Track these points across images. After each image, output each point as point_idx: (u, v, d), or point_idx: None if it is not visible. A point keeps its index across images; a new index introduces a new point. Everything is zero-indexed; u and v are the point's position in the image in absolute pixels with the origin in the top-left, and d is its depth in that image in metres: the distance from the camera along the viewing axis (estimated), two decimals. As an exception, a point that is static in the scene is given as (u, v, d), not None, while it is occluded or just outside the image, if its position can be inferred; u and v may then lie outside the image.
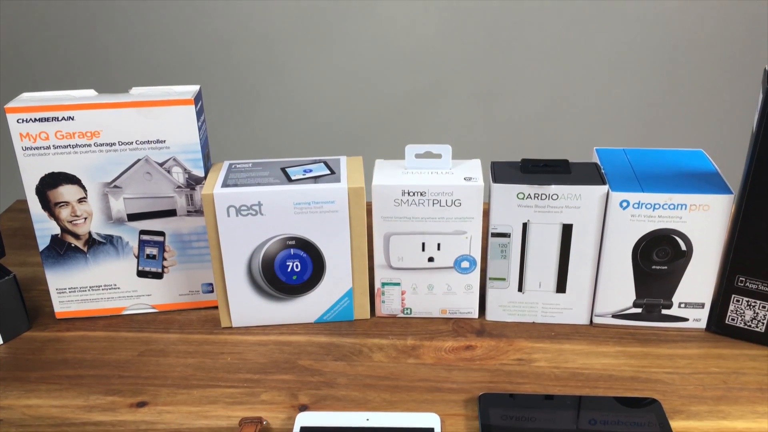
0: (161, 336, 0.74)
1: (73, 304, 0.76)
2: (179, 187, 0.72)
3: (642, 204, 0.67)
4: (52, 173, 0.70)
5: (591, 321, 0.74)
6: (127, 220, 0.73)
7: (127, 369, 0.69)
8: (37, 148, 0.69)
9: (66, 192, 0.71)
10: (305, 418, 0.60)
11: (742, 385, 0.65)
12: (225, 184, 0.69)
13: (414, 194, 0.69)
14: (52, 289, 0.75)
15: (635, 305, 0.72)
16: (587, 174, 0.70)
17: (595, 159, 0.75)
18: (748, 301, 0.69)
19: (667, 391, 0.65)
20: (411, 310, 0.75)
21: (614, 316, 0.73)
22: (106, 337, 0.74)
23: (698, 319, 0.72)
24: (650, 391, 0.65)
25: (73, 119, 0.68)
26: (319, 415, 0.60)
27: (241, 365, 0.69)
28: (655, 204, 0.67)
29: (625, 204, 0.67)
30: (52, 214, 0.72)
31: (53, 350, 0.72)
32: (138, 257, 0.75)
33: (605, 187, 0.68)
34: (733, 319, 0.71)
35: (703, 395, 0.64)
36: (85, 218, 0.72)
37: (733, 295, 0.70)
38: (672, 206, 0.67)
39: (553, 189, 0.68)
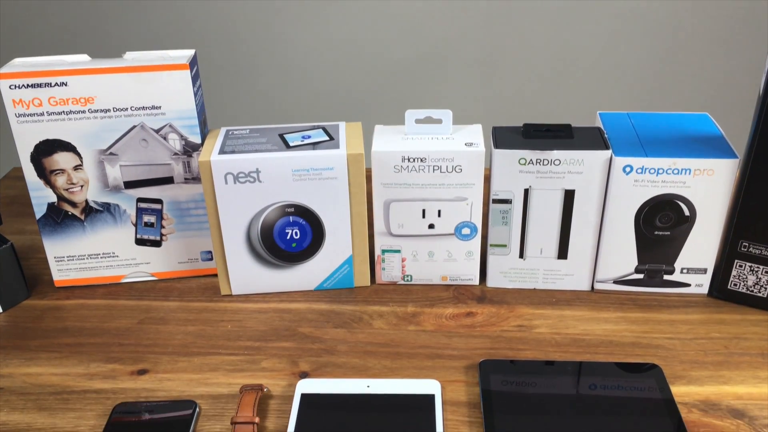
0: (161, 304, 0.74)
1: (72, 272, 0.75)
2: (176, 154, 0.71)
3: (645, 169, 0.66)
4: (47, 140, 0.69)
5: (592, 287, 0.74)
6: (123, 187, 0.72)
7: (127, 337, 0.69)
8: (30, 114, 0.68)
9: (61, 159, 0.70)
10: (306, 385, 0.60)
11: (743, 350, 0.65)
12: (222, 151, 0.68)
13: (414, 160, 0.68)
14: (51, 258, 0.74)
15: (637, 271, 0.72)
16: (590, 139, 0.69)
17: (599, 123, 0.74)
18: (750, 267, 0.69)
19: (668, 357, 0.65)
20: (411, 277, 0.75)
21: (615, 282, 0.73)
22: (105, 305, 0.74)
23: (700, 284, 0.72)
24: (651, 356, 0.65)
25: (66, 85, 0.67)
26: (320, 382, 0.60)
27: (241, 333, 0.69)
28: (658, 169, 0.66)
29: (628, 169, 0.66)
30: (48, 182, 0.71)
31: (53, 318, 0.72)
32: (136, 225, 0.74)
33: (608, 152, 0.66)
34: (735, 285, 0.70)
35: (704, 360, 0.64)
36: (82, 186, 0.71)
37: (735, 261, 0.69)
38: (676, 171, 0.66)
39: (556, 154, 0.67)
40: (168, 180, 0.72)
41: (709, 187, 0.66)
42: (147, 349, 0.67)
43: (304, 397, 0.59)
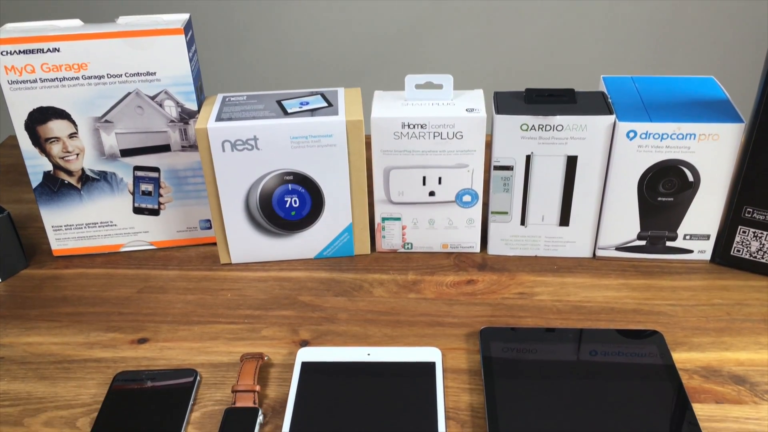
0: (160, 273, 0.73)
1: (70, 241, 0.75)
2: (172, 121, 0.70)
3: (650, 134, 0.65)
4: (41, 108, 0.68)
5: (594, 254, 0.73)
6: (120, 155, 0.71)
7: (126, 306, 0.69)
8: (23, 81, 0.66)
9: (56, 127, 0.69)
10: (306, 354, 0.60)
11: (745, 317, 0.65)
12: (219, 118, 0.67)
13: (414, 127, 0.67)
14: (48, 227, 0.74)
15: (639, 238, 0.71)
16: (593, 103, 0.67)
17: (602, 88, 0.73)
18: (754, 233, 0.68)
19: (670, 323, 0.64)
20: (412, 245, 0.74)
21: (618, 248, 0.72)
22: (104, 274, 0.73)
23: (703, 251, 0.71)
24: (653, 323, 0.64)
25: (58, 51, 0.65)
26: (320, 351, 0.60)
27: (241, 301, 0.69)
28: (663, 134, 0.65)
29: (632, 134, 0.65)
30: (43, 151, 0.70)
31: (52, 288, 0.71)
32: (133, 194, 0.73)
33: (612, 117, 0.65)
34: (738, 251, 0.70)
35: (706, 327, 0.64)
36: (77, 154, 0.70)
37: (739, 227, 0.69)
38: (680, 136, 0.65)
39: (558, 120, 0.65)
40: (165, 148, 0.71)
41: (713, 152, 0.65)
42: (147, 318, 0.67)
43: (304, 365, 0.59)
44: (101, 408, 0.56)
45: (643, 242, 0.71)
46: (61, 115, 0.68)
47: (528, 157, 0.68)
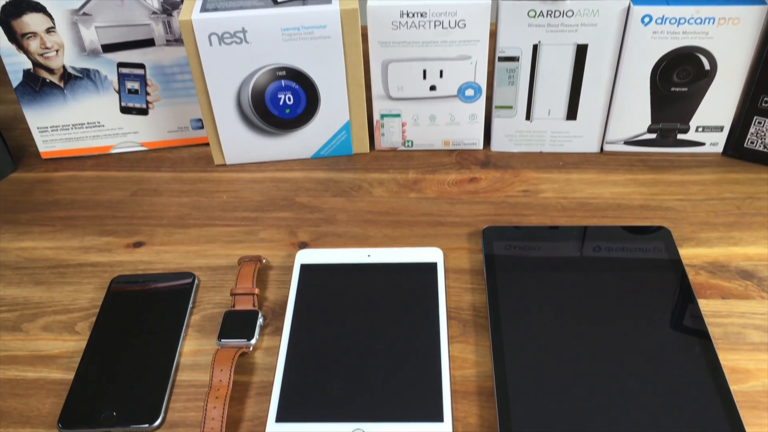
0: (153, 175, 0.71)
1: (58, 143, 0.72)
2: (154, 12, 0.65)
3: (666, 19, 0.61)
4: (14, 1, 0.63)
5: (601, 149, 0.70)
6: (102, 51, 0.67)
7: (120, 209, 0.67)
8: (-10, -29, 0.62)
9: (31, 21, 0.65)
10: (305, 256, 0.59)
11: (756, 211, 0.63)
12: (204, 9, 0.62)
13: (413, 15, 0.63)
14: (33, 128, 0.71)
15: (649, 131, 0.68)
16: (606, -14, 0.63)
17: (616, -31, 0.67)
18: (770, 124, 0.65)
19: (678, 219, 0.63)
20: (412, 142, 0.72)
21: (626, 142, 0.69)
22: (95, 176, 0.71)
23: (715, 143, 0.69)
24: (660, 219, 0.63)
25: (25, -64, 0.60)
26: (320, 253, 0.59)
27: (237, 203, 0.67)
28: (680, 18, 0.61)
29: (647, 19, 0.61)
30: (21, 47, 0.66)
31: (42, 191, 0.70)
32: (119, 92, 0.70)
33: (626, 1, 0.61)
34: (752, 143, 0.67)
35: (715, 222, 0.62)
36: (57, 50, 0.67)
37: (755, 117, 0.66)
38: (698, 21, 0.61)
39: (568, 4, 0.61)
40: (149, 42, 0.67)
41: (733, 37, 0.61)
42: (142, 221, 0.65)
43: (303, 267, 0.58)
44: (99, 312, 0.56)
45: (653, 135, 0.68)
46: (36, 7, 0.64)
47: (535, 47, 0.64)
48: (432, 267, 0.57)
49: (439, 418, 0.47)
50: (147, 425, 0.48)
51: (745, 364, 0.50)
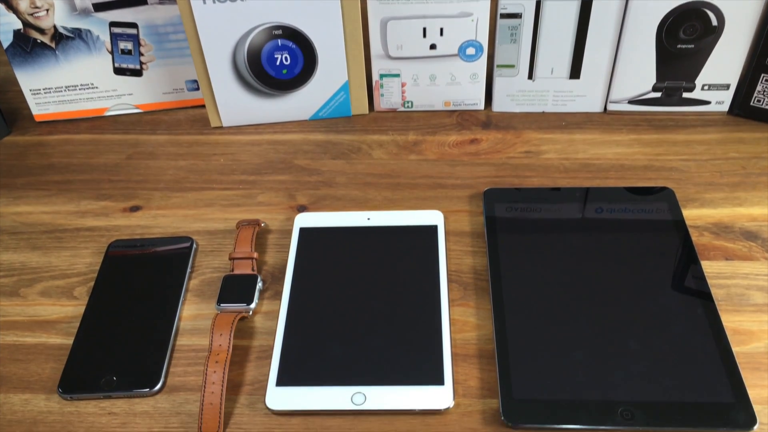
0: (149, 138, 0.70)
1: (51, 105, 0.71)
2: (146, -30, 0.64)
3: (673, -27, 0.59)
4: (0, -42, 0.62)
5: (605, 108, 0.69)
6: (93, 10, 0.65)
7: (116, 173, 0.66)
8: (-25, -73, 0.59)
9: (19, -20, 0.63)
10: (304, 219, 0.58)
11: (761, 170, 0.62)
12: (197, -35, 0.60)
13: (413, -30, 0.61)
14: (26, 91, 0.70)
15: (654, 89, 0.67)
16: (612, -61, 0.61)
17: None
18: (778, 82, 0.64)
19: (682, 179, 0.62)
20: (412, 103, 0.70)
21: (630, 102, 0.68)
22: (90, 140, 0.70)
23: (721, 101, 0.67)
24: (664, 179, 0.62)
25: None
26: (319, 216, 0.58)
27: (235, 166, 0.66)
28: (688, -27, 0.59)
29: (653, -26, 0.59)
30: (10, 7, 0.64)
31: (37, 155, 0.69)
32: (112, 53, 0.68)
33: (632, -46, 0.59)
34: (759, 101, 0.66)
35: (720, 182, 0.61)
36: (47, 10, 0.65)
37: (762, 75, 0.64)
38: (707, -25, 0.59)
39: (573, -42, 0.59)
40: (141, 1, 0.65)
41: (742, -8, 0.60)
42: (138, 185, 0.65)
43: (302, 231, 0.57)
44: (98, 277, 0.55)
45: (658, 94, 0.67)
46: (23, -35, 0.62)
47: (538, 3, 0.62)
48: (432, 230, 0.56)
49: (439, 381, 0.46)
50: (147, 389, 0.48)
51: (748, 326, 0.50)
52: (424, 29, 0.65)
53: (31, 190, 0.65)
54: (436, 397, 0.46)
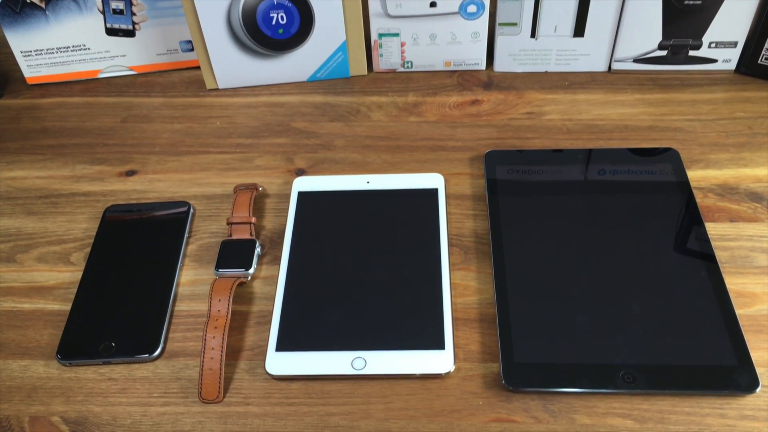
0: (143, 100, 0.69)
1: (43, 68, 0.69)
2: (136, -75, 0.61)
3: (682, -75, 0.57)
4: None
5: (609, 67, 0.68)
6: (82, -31, 0.64)
7: (111, 137, 0.65)
8: None
9: (5, -63, 0.61)
10: (302, 183, 0.57)
11: None
12: None
13: (412, -76, 0.59)
14: (17, 52, 0.68)
15: (660, 47, 0.65)
16: None
17: None
18: (787, 39, 0.62)
19: (687, 140, 0.61)
20: (412, 63, 0.69)
21: (636, 60, 0.66)
22: (84, 103, 0.69)
23: (728, 60, 0.66)
24: (669, 140, 0.61)
25: None
26: (317, 180, 0.57)
27: (231, 129, 0.65)
28: (697, -75, 0.57)
29: (662, -74, 0.57)
30: (-3, -34, 0.62)
31: (30, 119, 0.67)
32: (104, 13, 0.67)
33: None
34: (767, 59, 0.64)
35: (725, 142, 0.60)
36: (35, -31, 0.63)
37: (771, 33, 0.62)
38: (717, -73, 0.57)
39: None
40: (132, -42, 0.64)
41: (753, -55, 0.58)
42: (133, 149, 0.64)
43: (301, 195, 0.56)
44: (94, 242, 0.55)
45: (664, 52, 0.65)
46: None
47: (541, -42, 0.60)
48: (433, 193, 0.55)
49: (440, 345, 0.46)
50: (147, 355, 0.48)
51: (751, 288, 0.49)
52: (424, -14, 0.63)
53: (24, 155, 0.64)
54: (437, 361, 0.45)
